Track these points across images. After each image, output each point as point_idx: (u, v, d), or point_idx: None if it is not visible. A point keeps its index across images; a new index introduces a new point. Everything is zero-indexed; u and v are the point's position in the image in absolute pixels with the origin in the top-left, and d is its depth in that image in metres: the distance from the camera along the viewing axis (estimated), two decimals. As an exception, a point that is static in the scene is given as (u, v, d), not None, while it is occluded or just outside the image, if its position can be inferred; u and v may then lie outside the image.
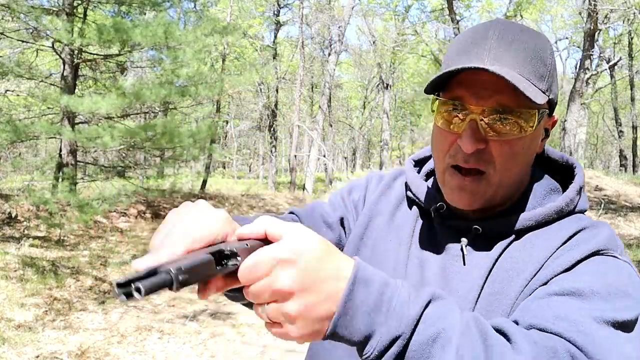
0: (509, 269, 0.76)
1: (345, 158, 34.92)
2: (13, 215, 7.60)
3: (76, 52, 8.28)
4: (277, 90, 22.58)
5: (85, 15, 8.70)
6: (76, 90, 8.51)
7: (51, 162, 9.22)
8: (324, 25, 21.09)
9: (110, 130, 7.18)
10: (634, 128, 23.04)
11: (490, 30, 0.74)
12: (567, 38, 26.98)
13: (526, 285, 0.73)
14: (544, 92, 0.73)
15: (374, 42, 23.90)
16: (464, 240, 0.79)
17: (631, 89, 22.53)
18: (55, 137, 8.29)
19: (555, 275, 0.70)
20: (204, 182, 15.15)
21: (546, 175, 0.84)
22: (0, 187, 9.06)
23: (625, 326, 0.62)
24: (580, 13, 20.95)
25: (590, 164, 27.36)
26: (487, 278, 0.76)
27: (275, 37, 22.94)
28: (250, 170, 34.73)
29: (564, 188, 0.83)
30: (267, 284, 0.51)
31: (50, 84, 8.93)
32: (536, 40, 0.74)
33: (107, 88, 9.56)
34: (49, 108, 8.52)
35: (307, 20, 20.48)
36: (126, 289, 0.43)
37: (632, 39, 21.45)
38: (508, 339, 0.57)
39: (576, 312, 0.61)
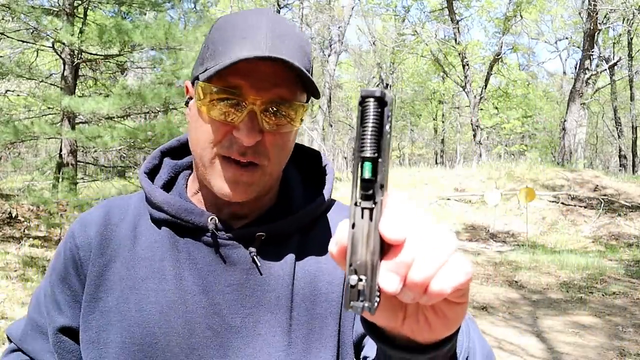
0: (313, 270, 0.77)
1: (345, 158, 34.92)
2: (13, 215, 7.61)
3: (76, 52, 8.29)
4: (277, 90, 22.57)
5: (85, 15, 8.72)
6: (76, 91, 8.51)
7: (51, 162, 9.23)
8: (324, 25, 21.11)
9: (111, 131, 7.19)
10: (634, 128, 23.04)
11: (263, 19, 0.71)
12: (567, 38, 26.99)
13: (344, 277, 0.73)
14: None
15: (373, 42, 23.90)
16: (252, 250, 0.74)
17: (630, 89, 22.53)
18: (55, 137, 8.29)
19: None
20: (204, 182, 15.14)
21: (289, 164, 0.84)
22: (1, 187, 9.06)
23: None
24: (580, 13, 20.96)
25: (590, 164, 27.37)
26: (293, 283, 0.75)
27: (275, 37, 22.94)
28: (250, 170, 34.64)
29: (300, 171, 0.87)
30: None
31: (51, 84, 8.93)
32: (301, 34, 0.75)
33: (107, 88, 9.57)
34: (49, 108, 8.53)
35: (307, 21, 20.49)
36: None
37: (631, 39, 21.45)
38: None
39: None
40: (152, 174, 0.84)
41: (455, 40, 20.74)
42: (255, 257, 0.74)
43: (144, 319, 0.72)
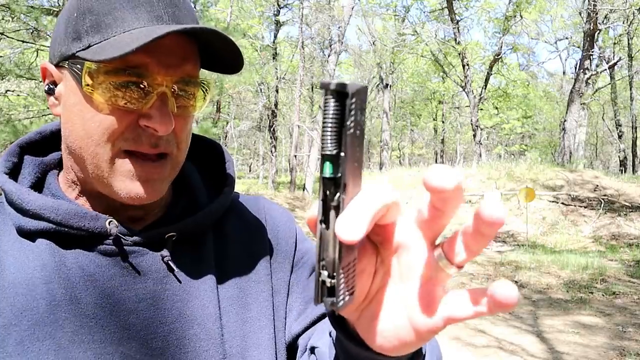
0: (236, 269, 0.69)
1: (345, 158, 34.94)
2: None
3: (76, 52, 8.31)
4: (277, 90, 22.59)
5: (85, 15, 8.73)
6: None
7: (51, 162, 9.22)
8: (324, 25, 21.10)
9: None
10: (634, 128, 23.05)
11: None
12: (567, 38, 26.99)
13: (270, 274, 0.71)
14: None
15: (373, 42, 23.91)
16: (165, 254, 0.63)
17: (630, 89, 22.54)
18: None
19: (294, 248, 0.75)
20: (204, 182, 15.14)
21: None
22: (1, 187, 9.06)
23: None
24: (580, 13, 20.97)
25: (590, 164, 27.38)
26: (217, 287, 0.66)
27: (275, 37, 22.96)
28: (250, 170, 34.74)
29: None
30: None
31: (51, 84, 8.94)
32: None
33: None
34: (49, 108, 8.55)
35: (307, 21, 20.48)
36: None
37: (631, 39, 21.45)
38: None
39: None
40: (12, 175, 0.66)
41: (455, 40, 20.76)
42: (169, 262, 0.63)
43: None
